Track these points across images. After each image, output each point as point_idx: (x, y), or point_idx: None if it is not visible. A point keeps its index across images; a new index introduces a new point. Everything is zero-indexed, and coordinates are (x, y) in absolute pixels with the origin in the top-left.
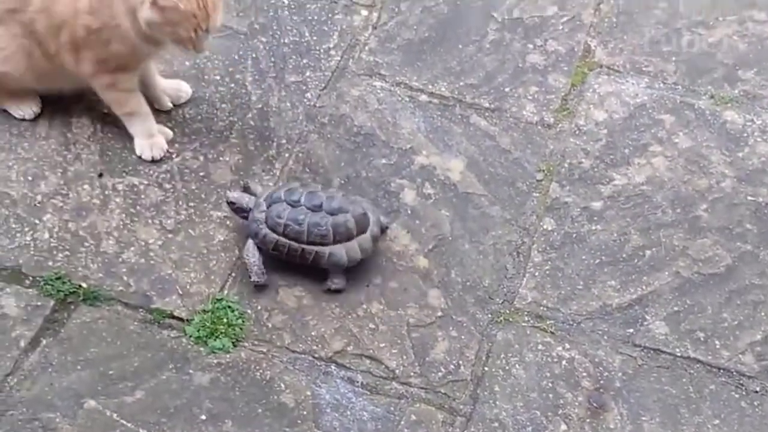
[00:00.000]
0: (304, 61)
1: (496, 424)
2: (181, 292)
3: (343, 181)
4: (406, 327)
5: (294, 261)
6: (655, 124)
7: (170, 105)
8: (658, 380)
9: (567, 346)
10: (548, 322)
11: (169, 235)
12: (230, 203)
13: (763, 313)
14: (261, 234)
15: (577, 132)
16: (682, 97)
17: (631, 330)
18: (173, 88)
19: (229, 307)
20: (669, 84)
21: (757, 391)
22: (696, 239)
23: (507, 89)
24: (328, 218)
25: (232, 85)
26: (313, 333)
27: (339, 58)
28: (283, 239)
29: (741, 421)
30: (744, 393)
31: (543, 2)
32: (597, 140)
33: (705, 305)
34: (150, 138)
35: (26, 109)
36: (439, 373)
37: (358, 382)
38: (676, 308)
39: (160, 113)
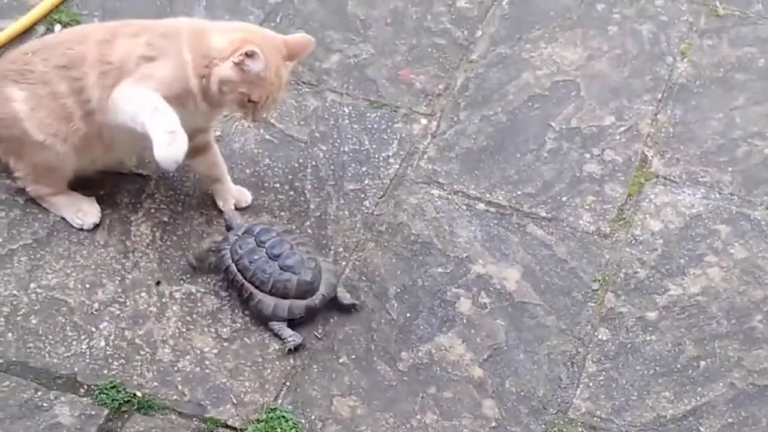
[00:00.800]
0: (363, 169)
1: None
2: (235, 401)
3: (399, 290)
4: None
5: (235, 292)
6: (711, 235)
7: (232, 208)
8: None
9: None
10: None
11: (225, 344)
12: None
13: None
14: (221, 254)
15: (633, 242)
16: (738, 208)
17: None
18: (235, 194)
19: (283, 416)
20: (725, 194)
21: None
22: (751, 350)
23: (564, 198)
24: (275, 270)
25: (291, 192)
26: None
27: (398, 167)
28: (233, 267)
29: None
30: None
31: (600, 112)
32: (653, 250)
33: (759, 417)
34: None
35: (85, 219)
36: None
37: None
38: (730, 420)
39: (220, 218)
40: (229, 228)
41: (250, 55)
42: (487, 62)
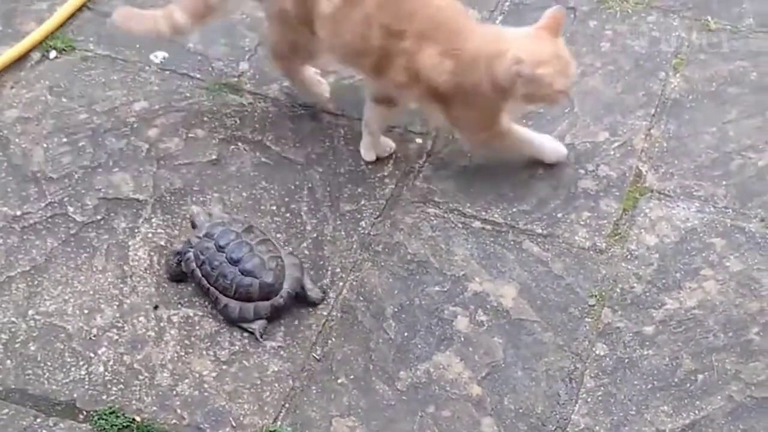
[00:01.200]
0: (359, 189)
1: None
2: (234, 424)
3: (396, 309)
4: None
5: (202, 295)
6: (706, 248)
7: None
8: None
9: None
10: None
11: (224, 367)
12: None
13: None
14: (186, 257)
15: (628, 257)
16: (733, 221)
17: None
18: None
19: None
20: (719, 208)
21: None
22: (748, 363)
23: (559, 215)
24: (236, 275)
25: (288, 215)
26: None
27: (393, 186)
28: (198, 271)
29: None
30: None
31: (595, 128)
32: (649, 265)
33: (758, 429)
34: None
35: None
36: None
37: None
38: None
39: None
40: (193, 225)
41: (521, 75)
42: None
